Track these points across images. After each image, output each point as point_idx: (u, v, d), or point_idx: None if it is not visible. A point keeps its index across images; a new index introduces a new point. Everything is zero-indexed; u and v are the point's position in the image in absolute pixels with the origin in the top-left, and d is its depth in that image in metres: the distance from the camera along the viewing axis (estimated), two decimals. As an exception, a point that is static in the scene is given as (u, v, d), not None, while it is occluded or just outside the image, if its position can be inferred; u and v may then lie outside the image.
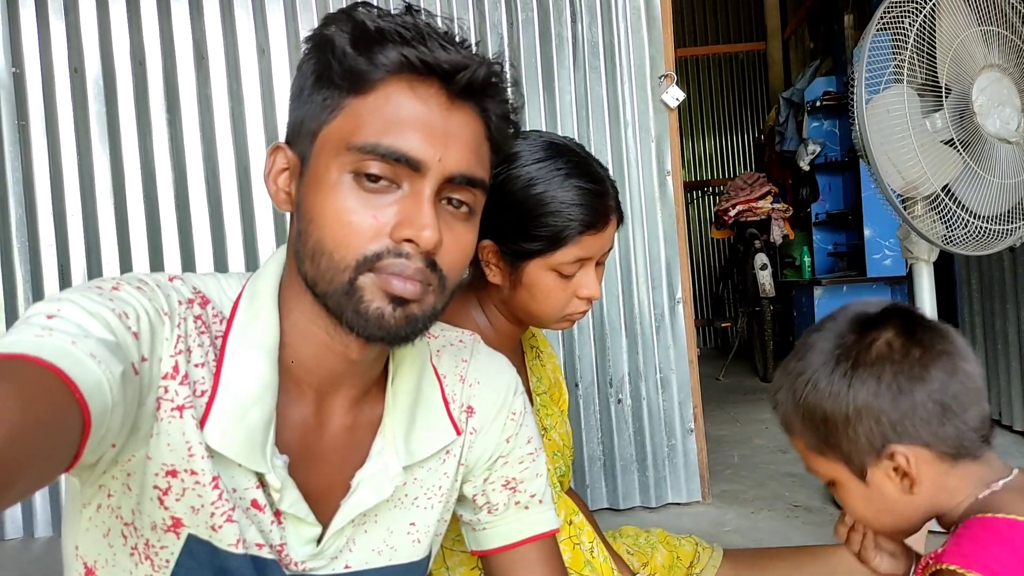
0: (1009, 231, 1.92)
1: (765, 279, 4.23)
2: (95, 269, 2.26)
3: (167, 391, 0.62)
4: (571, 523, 1.10)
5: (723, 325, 5.76)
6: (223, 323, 0.68)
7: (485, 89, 0.67)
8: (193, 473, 0.63)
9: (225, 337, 0.67)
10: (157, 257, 2.26)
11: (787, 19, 5.99)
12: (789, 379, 0.78)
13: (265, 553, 0.68)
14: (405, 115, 0.63)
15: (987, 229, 1.89)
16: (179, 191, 2.27)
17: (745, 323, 4.90)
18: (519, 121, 0.75)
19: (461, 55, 0.64)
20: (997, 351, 2.99)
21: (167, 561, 0.65)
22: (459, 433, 0.80)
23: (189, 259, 2.27)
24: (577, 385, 2.23)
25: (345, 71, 0.64)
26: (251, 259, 2.27)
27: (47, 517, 2.27)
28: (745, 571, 1.30)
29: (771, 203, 4.52)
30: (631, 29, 2.24)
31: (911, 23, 1.82)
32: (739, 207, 4.57)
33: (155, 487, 0.63)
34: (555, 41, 2.25)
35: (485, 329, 1.07)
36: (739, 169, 7.03)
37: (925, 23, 1.83)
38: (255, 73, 2.28)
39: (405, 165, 0.63)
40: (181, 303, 0.65)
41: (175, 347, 0.63)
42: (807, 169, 4.25)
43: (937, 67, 1.85)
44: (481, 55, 0.67)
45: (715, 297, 6.42)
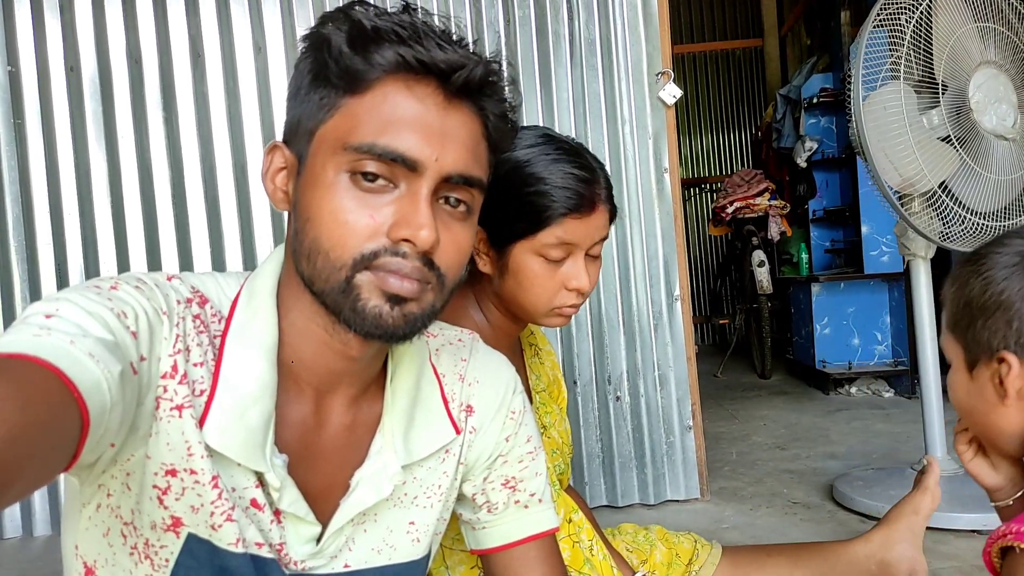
0: (1006, 227, 1.92)
1: (763, 276, 4.23)
2: (92, 268, 2.26)
3: (166, 390, 0.62)
4: (570, 521, 1.10)
5: (721, 322, 5.77)
6: (222, 322, 0.68)
7: (482, 88, 0.67)
8: (192, 472, 0.63)
9: (224, 336, 0.67)
10: (154, 256, 2.26)
11: (784, 16, 5.99)
12: (974, 256, 0.83)
13: (265, 552, 0.68)
14: (401, 115, 0.63)
15: (984, 225, 1.90)
16: (176, 189, 2.26)
17: (743, 320, 4.91)
18: (517, 120, 0.75)
19: (458, 54, 0.64)
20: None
21: (167, 560, 0.65)
22: (458, 432, 0.80)
23: (186, 257, 2.26)
24: (575, 383, 2.23)
25: (341, 70, 0.64)
26: (249, 258, 2.27)
27: (46, 516, 2.26)
28: (744, 568, 1.30)
29: (768, 200, 4.53)
30: (628, 26, 2.24)
31: (908, 19, 1.82)
32: (736, 204, 4.57)
33: (154, 486, 0.63)
34: (552, 38, 2.24)
35: (483, 327, 1.07)
36: (736, 166, 7.03)
37: (922, 19, 1.84)
38: (251, 71, 2.27)
39: (402, 165, 0.63)
40: (179, 302, 0.65)
41: (174, 346, 0.63)
42: (804, 166, 4.25)
43: (934, 64, 1.85)
44: (478, 54, 0.66)
45: (713, 294, 6.43)
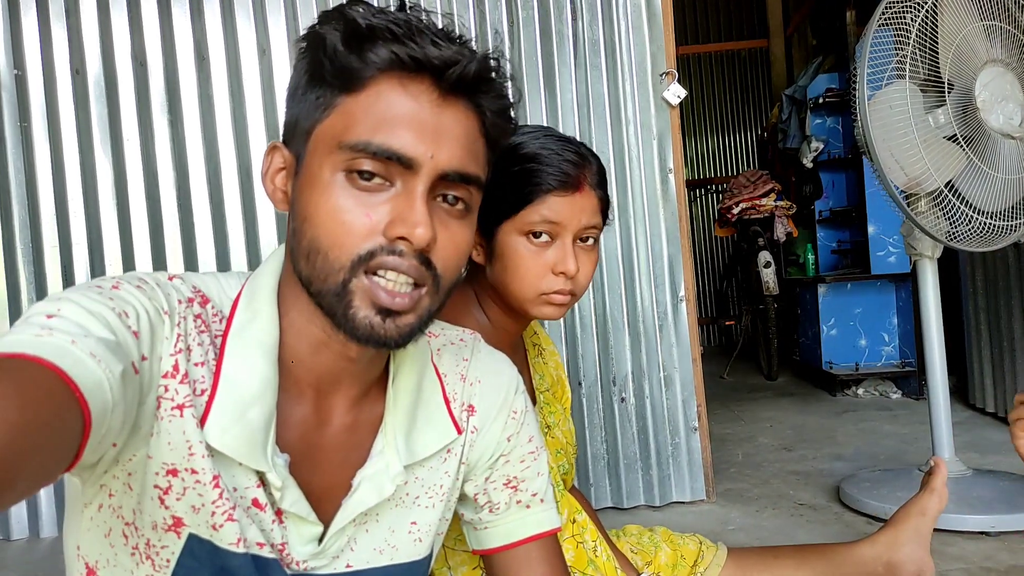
0: (1014, 227, 1.91)
1: (769, 277, 4.22)
2: (98, 269, 2.26)
3: (167, 390, 0.62)
4: (574, 522, 1.10)
5: (727, 323, 5.75)
6: (223, 322, 0.68)
7: (478, 84, 0.66)
8: (193, 472, 0.63)
9: (225, 336, 0.67)
10: (159, 257, 2.26)
11: (789, 16, 5.98)
12: None
13: (266, 552, 0.67)
14: (396, 112, 0.63)
15: (991, 225, 1.89)
16: (181, 191, 2.27)
17: (749, 321, 4.90)
18: (516, 116, 0.74)
19: (452, 50, 0.63)
20: (1002, 348, 2.98)
21: (168, 561, 0.65)
22: (460, 432, 0.80)
23: (191, 259, 2.27)
24: (580, 384, 2.23)
25: (336, 69, 0.63)
26: (253, 258, 2.28)
27: (52, 517, 2.27)
28: (750, 569, 1.29)
29: (774, 201, 4.51)
30: (632, 26, 2.24)
31: (913, 18, 1.81)
32: (742, 205, 4.56)
33: (156, 486, 0.63)
34: (556, 39, 2.24)
35: (485, 326, 1.07)
36: (742, 167, 7.03)
37: (927, 18, 1.83)
38: (256, 73, 2.28)
39: (397, 163, 0.63)
40: (181, 302, 0.65)
41: (175, 346, 0.62)
42: (810, 166, 4.24)
43: (940, 62, 1.84)
44: (473, 50, 0.66)
45: (719, 295, 6.42)
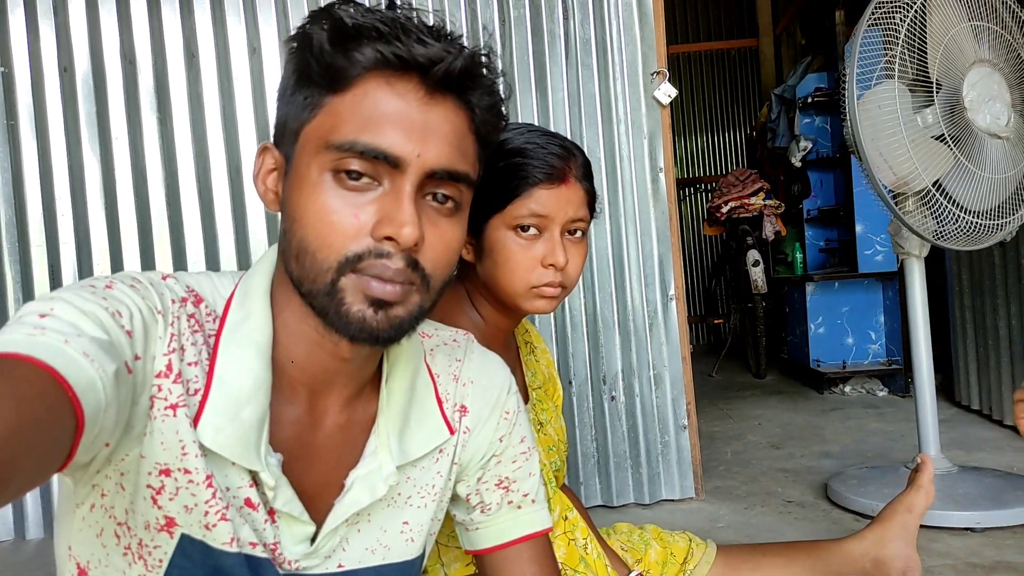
0: (999, 226, 1.93)
1: (757, 275, 4.24)
2: (86, 269, 2.25)
3: (160, 389, 0.62)
4: (566, 519, 1.10)
5: (715, 322, 5.78)
6: (216, 322, 0.68)
7: (466, 81, 0.66)
8: (186, 472, 0.63)
9: (218, 335, 0.67)
10: (148, 257, 2.25)
11: (778, 16, 6.00)
12: None
13: (259, 552, 0.67)
14: (382, 111, 0.62)
15: (978, 224, 1.91)
16: (170, 190, 2.26)
17: (737, 320, 4.92)
18: (506, 112, 0.74)
19: (438, 47, 0.63)
20: (988, 346, 3.01)
21: (160, 561, 0.65)
22: (452, 432, 0.80)
23: (180, 258, 2.26)
24: (571, 382, 2.23)
25: (323, 69, 0.63)
26: (243, 258, 2.27)
27: (39, 519, 2.25)
28: (739, 567, 1.30)
29: (763, 199, 4.54)
30: (623, 26, 2.24)
31: (902, 18, 1.83)
32: (731, 204, 4.58)
33: (148, 486, 0.63)
34: (547, 38, 2.24)
35: (478, 324, 1.07)
36: (731, 166, 7.05)
37: (916, 18, 1.84)
38: (246, 72, 2.27)
39: (384, 162, 0.62)
40: (174, 301, 0.65)
41: (168, 345, 0.62)
42: (799, 165, 4.26)
43: (928, 62, 1.86)
44: (461, 46, 0.65)
45: (707, 294, 6.44)
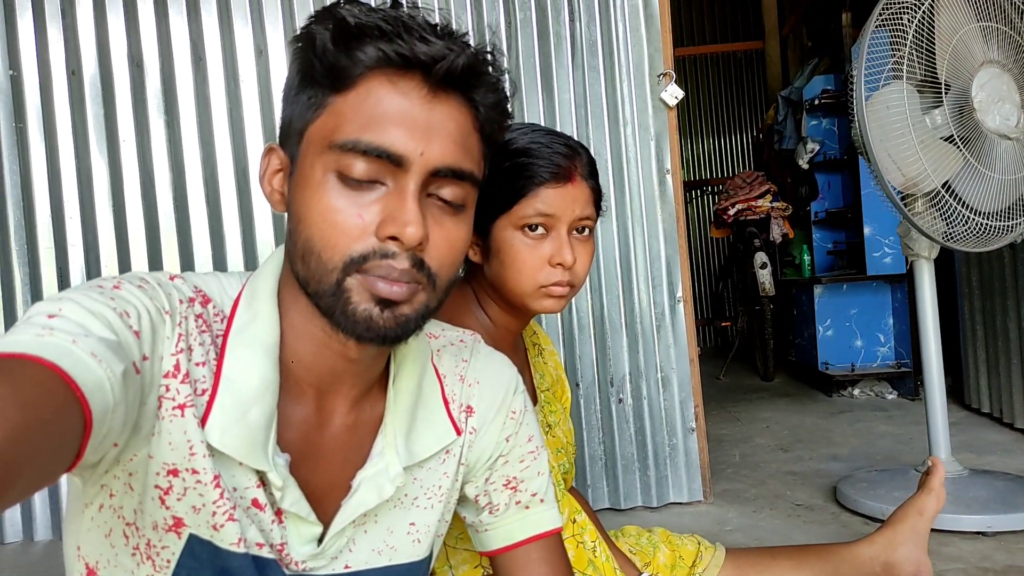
0: (1010, 227, 1.92)
1: (765, 278, 4.22)
2: (94, 271, 2.26)
3: (168, 390, 0.62)
4: (574, 522, 1.10)
5: (723, 324, 5.76)
6: (224, 322, 0.68)
7: (469, 78, 0.65)
8: (194, 472, 0.63)
9: (226, 336, 0.67)
10: (156, 259, 2.26)
11: (785, 17, 5.99)
12: None
13: (265, 553, 0.67)
14: (385, 110, 0.62)
15: (988, 226, 1.89)
16: (177, 192, 2.26)
17: (745, 322, 4.90)
18: (512, 110, 0.73)
19: (441, 45, 0.62)
20: (998, 348, 2.99)
21: (168, 561, 0.65)
22: (459, 433, 0.79)
23: (188, 260, 2.26)
24: (578, 385, 2.23)
25: (326, 68, 0.63)
26: (250, 260, 2.27)
27: (47, 520, 2.26)
28: (747, 570, 1.29)
29: (770, 202, 4.52)
30: (630, 28, 2.24)
31: (910, 19, 1.82)
32: (738, 206, 4.57)
33: (156, 486, 0.63)
34: (553, 40, 2.24)
35: (485, 325, 1.07)
36: (738, 168, 7.03)
37: (924, 19, 1.84)
38: (253, 74, 2.27)
39: (387, 161, 0.62)
40: (182, 302, 0.65)
41: (176, 346, 0.62)
42: (806, 167, 4.25)
43: (936, 63, 1.85)
44: (464, 44, 0.64)
45: (715, 296, 6.42)
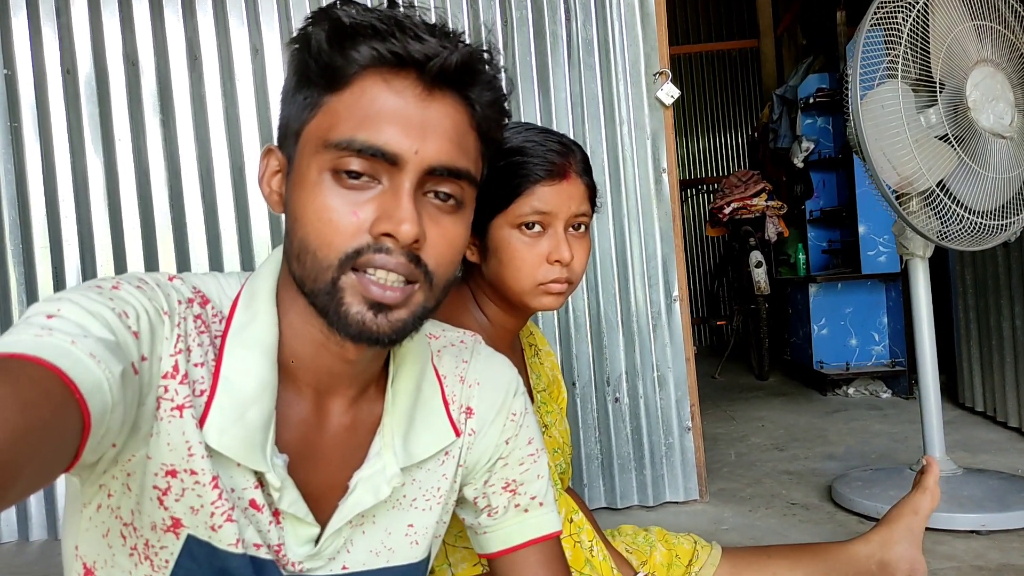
0: (1004, 226, 1.93)
1: (760, 277, 4.23)
2: (89, 271, 2.25)
3: (167, 390, 0.62)
4: (571, 521, 1.10)
5: (718, 323, 5.77)
6: (222, 323, 0.68)
7: (464, 76, 0.65)
8: (193, 473, 0.63)
9: (224, 336, 0.67)
10: (152, 258, 2.25)
11: (779, 16, 5.99)
12: None
13: (263, 553, 0.67)
14: (379, 108, 0.62)
15: (982, 224, 1.90)
16: (173, 191, 2.26)
17: (740, 321, 4.91)
18: (508, 108, 0.73)
19: (434, 43, 0.62)
20: (991, 347, 3.00)
21: (166, 561, 0.65)
22: (458, 434, 0.79)
23: (184, 260, 2.26)
24: (575, 384, 2.23)
25: (321, 68, 0.63)
26: (246, 260, 2.27)
27: (42, 521, 2.25)
28: (744, 569, 1.30)
29: (765, 200, 4.53)
30: (626, 26, 2.24)
31: (904, 18, 1.82)
32: (734, 205, 4.57)
33: (155, 487, 0.63)
34: (549, 39, 2.24)
35: (483, 325, 1.07)
36: (733, 167, 7.04)
37: (919, 18, 1.84)
38: (249, 73, 2.27)
39: (382, 159, 0.62)
40: (181, 302, 0.65)
41: (175, 346, 0.62)
42: (801, 166, 4.26)
43: (931, 62, 1.85)
44: (458, 42, 0.64)
45: (710, 295, 6.43)
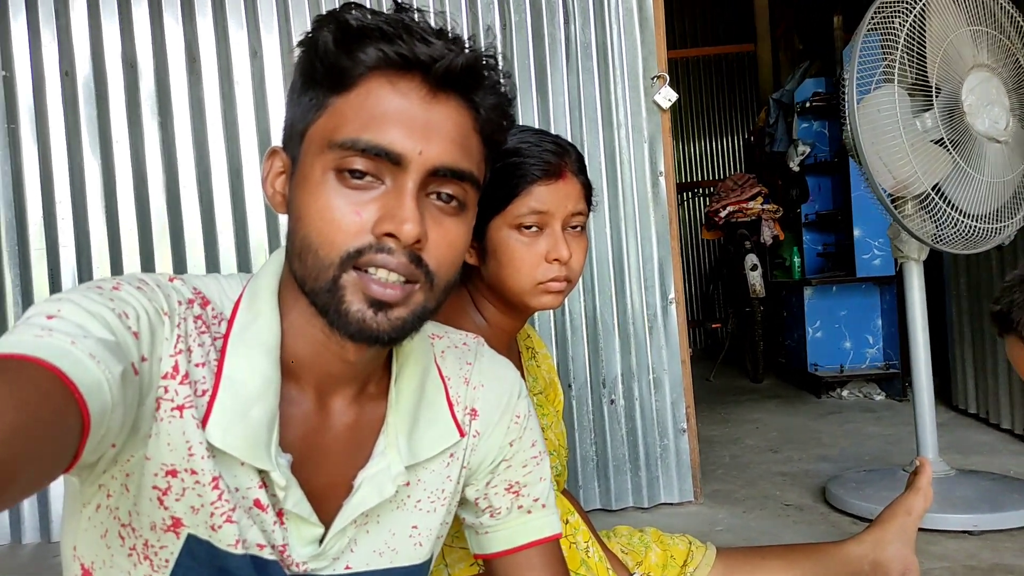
0: (998, 230, 1.94)
1: (755, 279, 4.24)
2: (86, 273, 2.25)
3: (167, 391, 0.62)
4: (567, 523, 1.11)
5: (713, 326, 5.78)
6: (223, 324, 0.68)
7: (469, 79, 0.66)
8: (193, 473, 0.63)
9: (226, 337, 0.67)
10: (148, 260, 2.25)
11: (776, 20, 6.01)
12: None
13: (266, 554, 0.67)
14: (384, 109, 0.63)
15: (976, 228, 1.91)
16: (171, 194, 2.26)
17: (735, 324, 4.92)
18: (513, 113, 0.73)
19: (440, 45, 0.63)
20: (985, 350, 3.01)
21: (166, 561, 0.65)
22: (462, 435, 0.79)
23: (181, 262, 2.26)
24: (570, 386, 2.24)
25: (327, 69, 0.64)
26: (243, 261, 2.27)
27: (35, 523, 2.25)
28: (738, 569, 1.30)
29: (761, 204, 4.54)
30: (624, 30, 2.25)
31: (901, 23, 1.83)
32: (729, 208, 4.59)
33: (154, 487, 0.63)
34: (548, 42, 2.25)
35: (481, 327, 1.07)
36: (729, 170, 7.06)
37: (915, 23, 1.85)
38: (247, 75, 2.27)
39: (386, 160, 0.62)
40: (181, 303, 0.65)
41: (175, 347, 0.63)
42: (797, 170, 4.27)
43: (927, 67, 1.86)
44: (463, 46, 0.65)
45: (705, 298, 6.45)
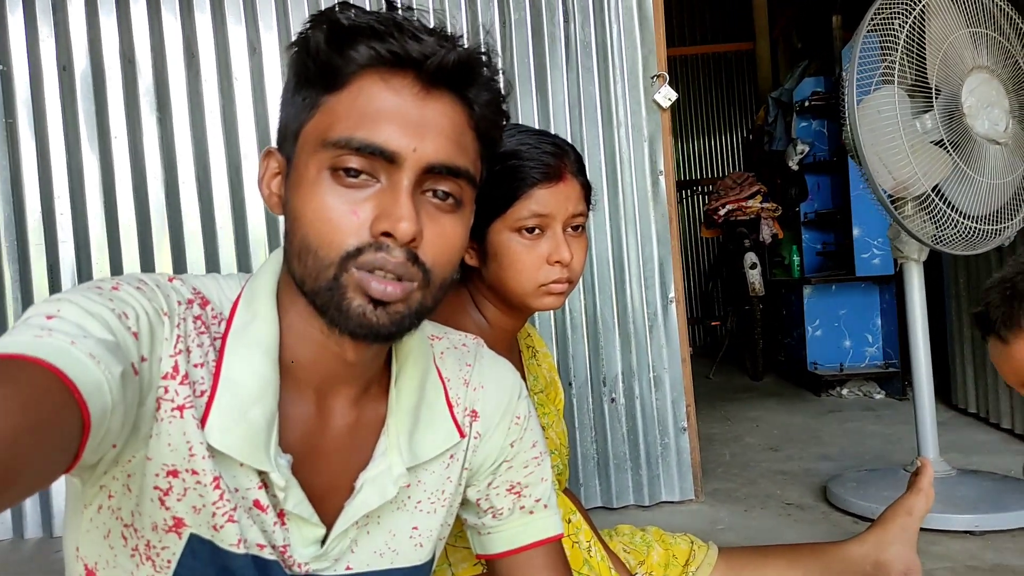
0: (997, 231, 1.94)
1: (754, 278, 4.25)
2: (84, 269, 2.24)
3: (167, 391, 0.62)
4: (569, 522, 1.11)
5: (712, 324, 5.78)
6: (222, 324, 0.68)
7: (462, 76, 0.65)
8: (194, 473, 0.63)
9: (225, 337, 0.67)
10: (147, 257, 2.25)
11: (775, 19, 6.01)
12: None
13: (267, 554, 0.67)
14: (377, 107, 0.63)
15: (976, 229, 1.91)
16: (169, 190, 2.25)
17: (734, 322, 4.92)
18: (507, 109, 0.73)
19: (432, 42, 0.63)
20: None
21: (169, 561, 0.65)
22: (463, 436, 0.79)
23: (180, 259, 2.25)
24: (571, 384, 2.24)
25: (320, 68, 0.64)
26: (243, 259, 2.26)
27: (37, 519, 2.25)
28: (740, 569, 1.30)
29: (760, 202, 4.54)
30: (623, 29, 2.25)
31: (901, 24, 1.83)
32: (729, 206, 4.59)
33: (156, 487, 0.63)
34: (548, 41, 2.25)
35: (482, 327, 1.07)
36: (728, 169, 7.06)
37: (915, 24, 1.85)
38: (246, 72, 2.27)
39: (380, 157, 0.62)
40: (180, 303, 0.65)
41: (175, 347, 0.62)
42: (796, 169, 4.27)
43: (927, 68, 1.86)
44: (456, 42, 0.65)
45: (704, 296, 6.45)
